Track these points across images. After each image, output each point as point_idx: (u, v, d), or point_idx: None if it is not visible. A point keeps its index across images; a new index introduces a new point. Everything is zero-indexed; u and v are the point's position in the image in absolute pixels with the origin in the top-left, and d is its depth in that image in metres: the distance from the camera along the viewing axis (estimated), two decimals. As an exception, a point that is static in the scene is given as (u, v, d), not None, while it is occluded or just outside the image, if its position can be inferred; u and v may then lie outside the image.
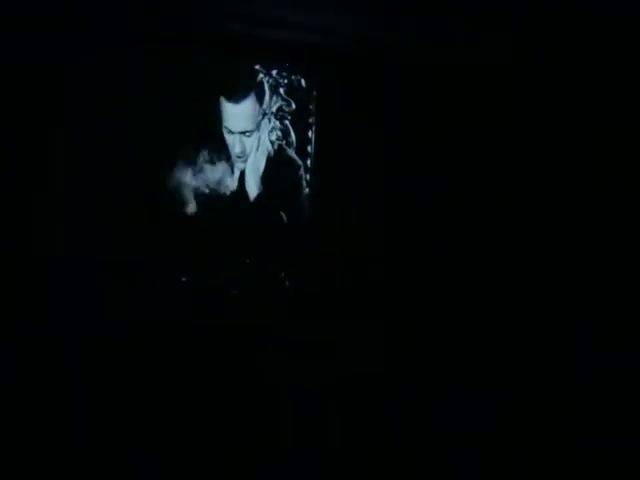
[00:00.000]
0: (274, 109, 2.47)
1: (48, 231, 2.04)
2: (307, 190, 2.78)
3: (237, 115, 2.34)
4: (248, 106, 2.35)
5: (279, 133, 2.52)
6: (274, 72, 2.46)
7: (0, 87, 1.93)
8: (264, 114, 2.41)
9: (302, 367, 2.32)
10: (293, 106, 2.50)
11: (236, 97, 2.33)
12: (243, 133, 2.35)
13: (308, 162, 2.65)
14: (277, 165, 2.55)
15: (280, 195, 2.62)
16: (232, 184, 2.47)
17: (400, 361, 2.30)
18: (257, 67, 2.43)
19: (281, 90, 2.49)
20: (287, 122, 2.52)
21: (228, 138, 2.36)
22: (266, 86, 2.43)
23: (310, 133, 2.59)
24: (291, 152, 2.55)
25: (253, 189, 2.49)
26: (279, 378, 2.12)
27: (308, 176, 2.75)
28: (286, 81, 2.51)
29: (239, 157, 2.39)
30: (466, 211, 2.65)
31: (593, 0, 2.05)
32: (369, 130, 2.60)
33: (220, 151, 2.44)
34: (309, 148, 2.61)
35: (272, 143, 2.50)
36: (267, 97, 2.43)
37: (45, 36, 1.95)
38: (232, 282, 2.51)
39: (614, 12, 2.06)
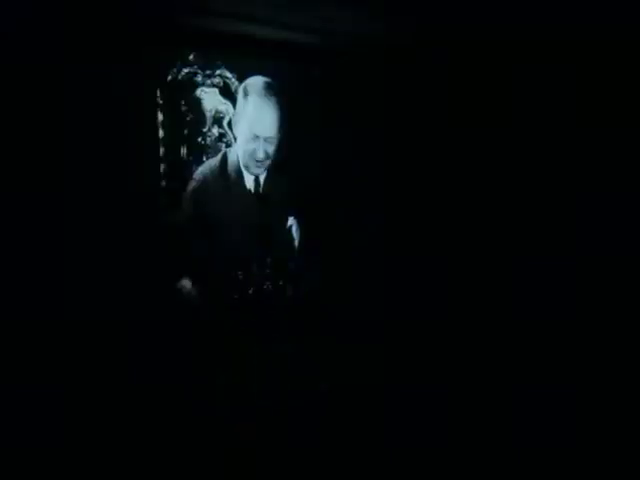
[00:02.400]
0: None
1: (48, 232, 2.04)
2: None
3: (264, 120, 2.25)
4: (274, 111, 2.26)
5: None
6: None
7: (0, 87, 1.93)
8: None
9: (302, 368, 2.32)
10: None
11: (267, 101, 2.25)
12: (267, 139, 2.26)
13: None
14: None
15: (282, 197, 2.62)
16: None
17: (400, 364, 2.30)
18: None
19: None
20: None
21: (251, 142, 2.27)
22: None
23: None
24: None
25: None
26: (279, 379, 2.13)
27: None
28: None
29: (259, 162, 2.32)
30: (466, 210, 2.65)
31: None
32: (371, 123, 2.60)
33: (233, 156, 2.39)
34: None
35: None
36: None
37: (45, 36, 1.95)
38: (232, 283, 2.52)
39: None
